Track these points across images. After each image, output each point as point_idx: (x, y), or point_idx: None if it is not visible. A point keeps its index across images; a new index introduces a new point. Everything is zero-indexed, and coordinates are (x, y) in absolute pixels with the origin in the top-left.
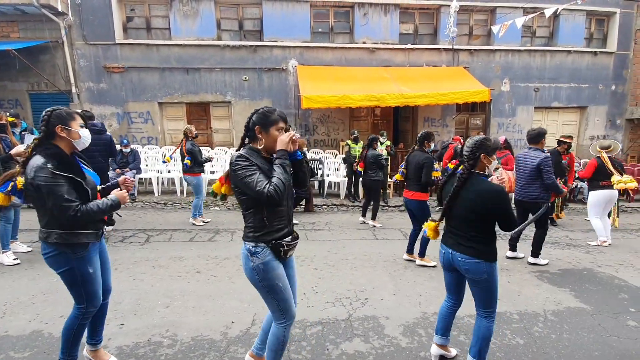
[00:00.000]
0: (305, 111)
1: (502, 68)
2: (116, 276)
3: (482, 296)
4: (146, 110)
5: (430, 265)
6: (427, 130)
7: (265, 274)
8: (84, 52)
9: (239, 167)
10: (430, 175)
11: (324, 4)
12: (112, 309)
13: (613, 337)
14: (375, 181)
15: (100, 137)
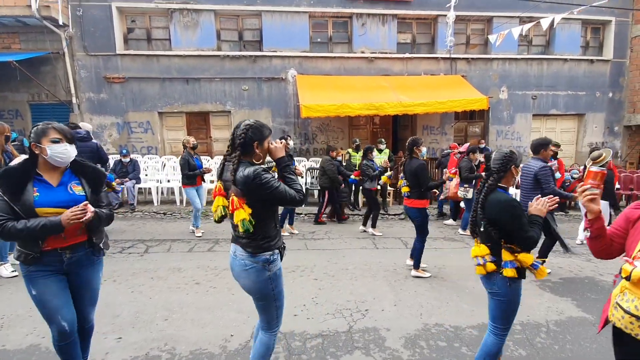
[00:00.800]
0: (304, 120)
1: (500, 76)
2: (114, 288)
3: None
4: (146, 120)
5: (424, 277)
6: (413, 137)
7: (278, 279)
8: (84, 63)
9: (266, 180)
10: (426, 179)
11: (323, 15)
12: (110, 322)
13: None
14: (367, 190)
15: (86, 145)
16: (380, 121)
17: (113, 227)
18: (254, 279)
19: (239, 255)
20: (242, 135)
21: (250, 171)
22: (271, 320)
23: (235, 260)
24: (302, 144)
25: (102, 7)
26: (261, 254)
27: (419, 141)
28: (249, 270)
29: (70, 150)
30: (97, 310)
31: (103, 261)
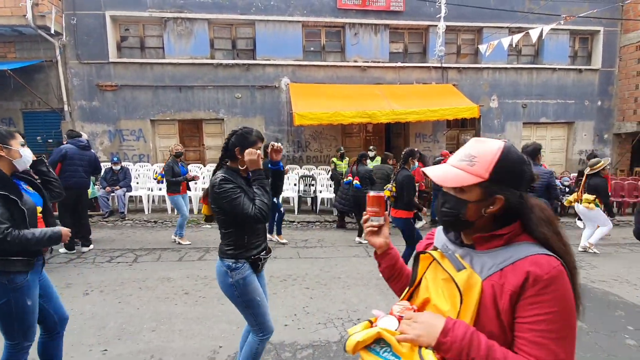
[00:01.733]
0: (297, 128)
1: (490, 85)
2: (102, 299)
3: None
4: (138, 128)
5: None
6: (410, 148)
7: (244, 288)
8: (77, 71)
9: (223, 190)
10: (411, 194)
11: (316, 24)
12: (95, 334)
13: (612, 357)
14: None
15: (85, 154)
16: (373, 129)
17: (102, 236)
18: (220, 281)
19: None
20: (226, 140)
21: (214, 178)
22: (252, 326)
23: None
24: (295, 151)
25: (96, 15)
26: (224, 259)
27: (415, 153)
28: (218, 272)
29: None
30: (82, 322)
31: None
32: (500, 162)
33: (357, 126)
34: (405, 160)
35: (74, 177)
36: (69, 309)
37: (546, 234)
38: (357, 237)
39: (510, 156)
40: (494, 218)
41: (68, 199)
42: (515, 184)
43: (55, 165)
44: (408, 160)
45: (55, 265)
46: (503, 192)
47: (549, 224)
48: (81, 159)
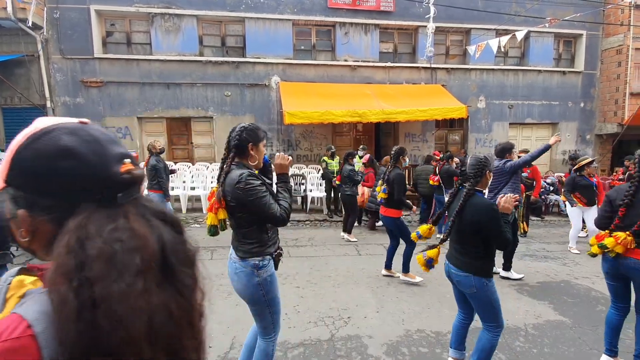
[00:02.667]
0: (287, 127)
1: (478, 86)
2: None
3: (479, 309)
4: (125, 125)
5: (414, 282)
6: (400, 146)
7: (271, 286)
8: (60, 66)
9: (251, 186)
10: (401, 192)
11: (306, 23)
12: None
13: (594, 351)
14: (348, 195)
15: None
16: (363, 128)
17: None
18: (244, 283)
19: (233, 258)
20: (236, 137)
21: (237, 174)
22: (267, 326)
23: (230, 262)
24: (286, 150)
25: (80, 9)
26: (250, 258)
27: (405, 151)
28: (239, 274)
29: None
30: None
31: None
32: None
33: (348, 125)
34: (396, 158)
35: None
36: None
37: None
38: (343, 232)
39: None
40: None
41: None
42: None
43: None
44: (399, 159)
45: None
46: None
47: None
48: None
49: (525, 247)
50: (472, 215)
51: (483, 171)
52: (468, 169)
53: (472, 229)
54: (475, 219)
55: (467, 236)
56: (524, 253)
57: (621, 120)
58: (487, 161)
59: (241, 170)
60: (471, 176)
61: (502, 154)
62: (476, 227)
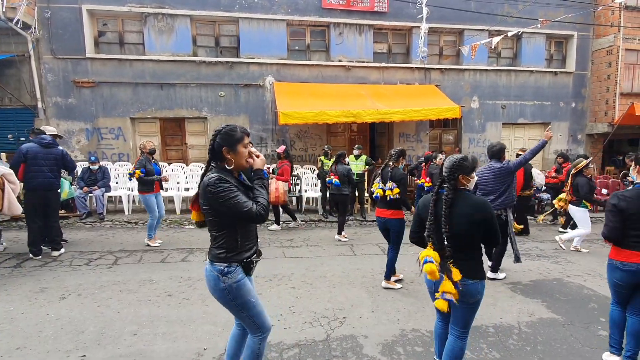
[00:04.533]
0: (282, 127)
1: (471, 86)
2: (79, 303)
3: (466, 316)
4: (117, 126)
5: (395, 288)
6: (401, 148)
7: (237, 292)
8: (52, 67)
9: (221, 189)
10: (405, 191)
11: (300, 23)
12: (72, 339)
13: (586, 348)
14: (344, 195)
15: (50, 152)
16: (358, 128)
17: (79, 238)
18: (212, 286)
19: (207, 260)
20: (211, 141)
21: (207, 179)
22: (249, 327)
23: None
24: None
25: (71, 9)
26: (216, 263)
27: (405, 153)
28: (208, 276)
29: None
30: (58, 327)
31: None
32: None
33: (342, 125)
34: (397, 159)
35: (38, 178)
36: (44, 315)
37: None
38: (337, 234)
39: None
40: None
41: (34, 200)
42: None
43: (17, 166)
44: (399, 159)
45: (28, 269)
46: None
47: None
48: (45, 158)
49: (519, 245)
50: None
51: (455, 175)
52: (445, 170)
53: (475, 231)
54: (469, 217)
55: (466, 238)
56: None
57: (612, 120)
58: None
59: (214, 173)
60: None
61: (499, 155)
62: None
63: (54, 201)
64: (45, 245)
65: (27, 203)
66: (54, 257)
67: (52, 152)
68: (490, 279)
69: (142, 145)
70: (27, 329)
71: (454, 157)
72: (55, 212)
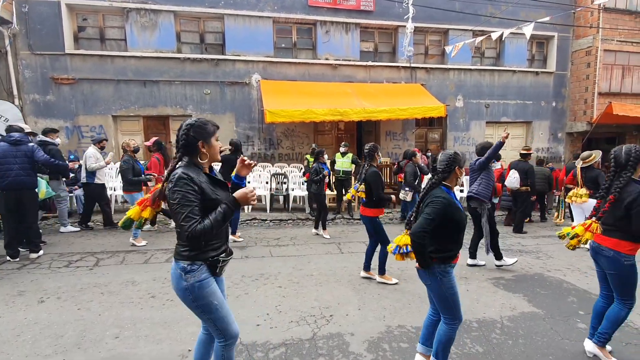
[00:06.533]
0: (269, 125)
1: (456, 85)
2: (59, 306)
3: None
4: (99, 124)
5: (390, 283)
6: (372, 143)
7: (200, 292)
8: (29, 62)
9: (178, 188)
10: (379, 189)
11: (287, 21)
12: (52, 343)
13: (565, 340)
14: (316, 194)
15: (19, 149)
16: (345, 127)
17: (59, 240)
18: (175, 285)
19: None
20: (183, 136)
21: (173, 173)
22: (213, 331)
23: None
24: (267, 149)
25: (50, 3)
26: (180, 261)
27: (378, 148)
28: (172, 274)
29: None
30: (37, 332)
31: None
32: None
33: (329, 124)
34: (371, 156)
35: (9, 177)
36: (21, 318)
37: None
38: (314, 228)
39: None
40: None
41: (8, 201)
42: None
43: None
44: (374, 156)
45: (6, 272)
46: None
47: None
48: (15, 156)
49: (501, 241)
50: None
51: (452, 167)
52: (438, 165)
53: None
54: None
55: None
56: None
57: (590, 119)
58: (457, 157)
59: (182, 170)
60: (439, 171)
61: (482, 153)
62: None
63: (28, 201)
64: (23, 247)
65: (1, 204)
66: (32, 259)
67: (21, 149)
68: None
69: (125, 143)
70: (4, 333)
71: (449, 151)
72: (31, 213)
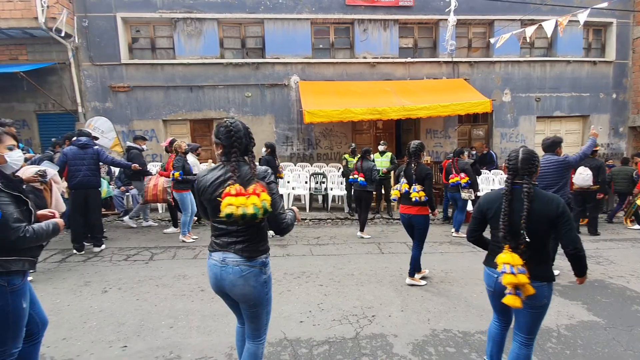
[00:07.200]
0: (307, 125)
1: (503, 79)
2: (120, 296)
3: (531, 322)
4: (151, 128)
5: (419, 285)
6: (419, 141)
7: (271, 282)
8: (90, 73)
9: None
10: (431, 188)
11: (324, 21)
12: (114, 330)
13: (629, 352)
14: (368, 192)
15: (86, 152)
16: (383, 125)
17: (118, 235)
18: (252, 284)
19: (232, 262)
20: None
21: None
22: (261, 328)
23: (225, 268)
24: (306, 149)
25: (107, 18)
26: (258, 257)
27: (424, 147)
28: (247, 275)
29: (22, 156)
30: (101, 319)
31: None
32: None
33: (367, 123)
34: (417, 155)
35: (77, 177)
36: (88, 307)
37: None
38: (359, 232)
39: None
40: None
41: (76, 198)
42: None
43: (62, 169)
44: (420, 155)
45: (73, 264)
46: None
47: None
48: (82, 158)
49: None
50: (543, 210)
51: (537, 167)
52: (522, 164)
53: (546, 227)
54: (547, 213)
55: (543, 238)
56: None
57: None
58: (536, 155)
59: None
60: (526, 172)
61: (552, 149)
62: (552, 222)
63: (94, 199)
64: (87, 242)
65: (70, 201)
66: (95, 252)
67: (88, 152)
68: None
69: (177, 145)
70: (72, 320)
71: (526, 150)
72: (96, 209)
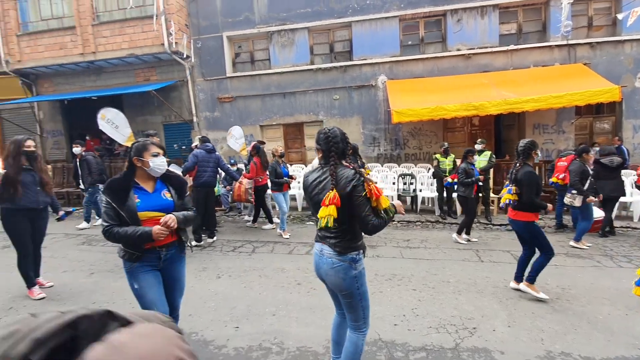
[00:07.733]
0: (395, 125)
1: (635, 61)
2: (230, 282)
3: None
4: (250, 133)
5: (537, 296)
6: (530, 139)
7: (363, 278)
8: (202, 87)
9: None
10: (532, 192)
11: (413, 17)
12: (228, 312)
13: None
14: (461, 197)
15: (211, 156)
16: (479, 122)
17: (225, 229)
18: (341, 277)
19: (326, 254)
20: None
21: (351, 173)
22: (358, 320)
23: (322, 258)
24: (393, 149)
25: (215, 38)
26: (349, 253)
27: (537, 145)
28: (337, 268)
29: (165, 162)
30: (218, 301)
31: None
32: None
33: (461, 120)
34: (526, 154)
35: (204, 177)
36: (206, 289)
37: None
38: (455, 233)
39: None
40: None
41: (199, 194)
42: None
43: (193, 168)
44: (530, 155)
45: (196, 252)
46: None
47: None
48: (208, 161)
49: None
50: None
51: None
52: None
53: None
54: None
55: None
56: None
57: None
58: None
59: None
60: None
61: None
62: None
63: (212, 196)
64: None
65: (194, 197)
66: (208, 243)
67: (212, 157)
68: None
69: (274, 149)
70: (194, 300)
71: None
72: (213, 205)
